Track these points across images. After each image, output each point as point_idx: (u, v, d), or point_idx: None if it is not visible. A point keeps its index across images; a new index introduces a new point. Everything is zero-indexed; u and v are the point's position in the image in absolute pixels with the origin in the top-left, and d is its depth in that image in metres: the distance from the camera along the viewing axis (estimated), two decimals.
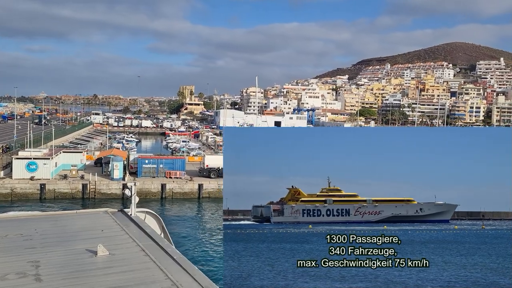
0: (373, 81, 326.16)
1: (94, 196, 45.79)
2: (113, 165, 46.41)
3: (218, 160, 51.67)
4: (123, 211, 16.44)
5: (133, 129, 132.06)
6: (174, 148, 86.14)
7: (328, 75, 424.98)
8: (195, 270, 10.70)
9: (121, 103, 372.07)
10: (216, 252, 31.20)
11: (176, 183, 47.92)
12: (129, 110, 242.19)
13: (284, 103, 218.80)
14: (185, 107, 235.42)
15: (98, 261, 11.03)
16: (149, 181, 47.13)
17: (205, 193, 48.10)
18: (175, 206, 45.62)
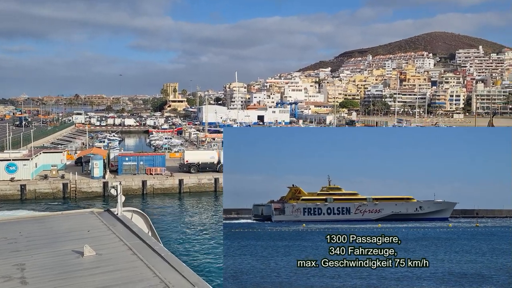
0: (356, 72, 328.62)
1: (75, 195, 46.14)
2: (93, 163, 46.76)
3: (198, 155, 52.44)
4: (110, 211, 16.45)
5: (116, 128, 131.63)
6: (157, 145, 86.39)
7: (311, 68, 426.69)
8: (184, 267, 10.65)
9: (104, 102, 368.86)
10: (204, 248, 31.37)
11: (157, 179, 48.50)
12: (111, 109, 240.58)
13: (267, 97, 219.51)
14: (168, 104, 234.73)
15: (84, 262, 10.91)
16: (129, 178, 47.61)
17: (185, 188, 48.75)
18: (157, 202, 46.13)
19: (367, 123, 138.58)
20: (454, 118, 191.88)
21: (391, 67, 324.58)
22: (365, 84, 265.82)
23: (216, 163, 51.62)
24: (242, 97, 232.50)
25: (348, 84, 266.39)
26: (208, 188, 49.56)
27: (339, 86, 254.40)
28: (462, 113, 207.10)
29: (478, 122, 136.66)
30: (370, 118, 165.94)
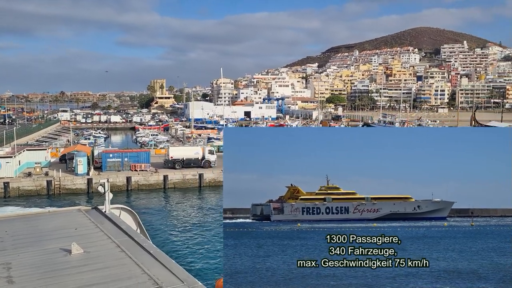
0: (342, 68, 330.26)
1: (59, 192, 46.19)
2: (77, 160, 46.83)
3: (182, 151, 52.73)
4: (97, 209, 16.50)
5: (102, 125, 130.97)
6: (143, 142, 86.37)
7: (298, 64, 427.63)
8: (172, 264, 10.69)
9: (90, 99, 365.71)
10: (193, 244, 31.41)
11: (141, 175, 48.73)
12: (98, 106, 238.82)
13: (254, 93, 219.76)
14: (155, 101, 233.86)
15: (72, 260, 10.83)
16: (114, 175, 47.76)
17: (170, 183, 49.05)
18: (142, 198, 46.38)
19: (353, 118, 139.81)
20: (438, 112, 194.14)
21: (378, 63, 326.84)
22: (351, 80, 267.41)
23: (200, 159, 51.99)
24: (229, 93, 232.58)
25: (335, 80, 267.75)
26: (192, 184, 49.92)
27: (326, 81, 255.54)
28: (447, 107, 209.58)
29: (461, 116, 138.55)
30: (356, 113, 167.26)
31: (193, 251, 29.50)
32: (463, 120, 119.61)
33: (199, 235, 33.48)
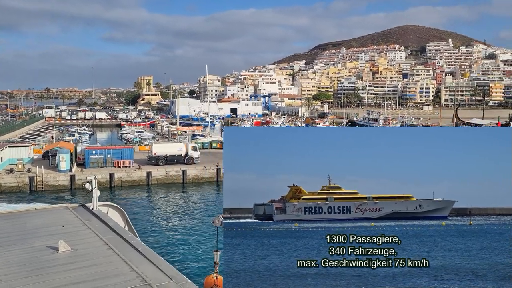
0: (329, 65, 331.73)
1: (41, 188, 46.17)
2: (60, 157, 46.85)
3: (166, 148, 52.99)
4: (85, 206, 16.37)
5: (87, 122, 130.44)
6: (128, 138, 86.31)
7: (286, 61, 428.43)
8: (161, 261, 10.66)
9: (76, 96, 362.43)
10: (183, 240, 31.32)
11: (125, 171, 48.90)
12: (83, 103, 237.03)
13: (241, 90, 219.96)
14: (142, 97, 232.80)
15: (59, 257, 10.72)
16: (97, 171, 47.80)
17: (153, 180, 49.32)
18: (126, 194, 46.55)
19: (338, 115, 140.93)
20: (423, 110, 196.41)
21: (364, 60, 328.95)
22: (338, 77, 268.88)
23: (184, 155, 52.31)
24: (216, 90, 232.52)
25: (322, 77, 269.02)
26: (176, 180, 50.25)
27: (313, 78, 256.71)
28: (432, 105, 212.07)
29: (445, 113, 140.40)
30: (342, 110, 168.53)
31: (182, 248, 29.53)
32: (445, 118, 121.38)
33: (187, 232, 33.50)
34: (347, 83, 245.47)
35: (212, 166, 52.08)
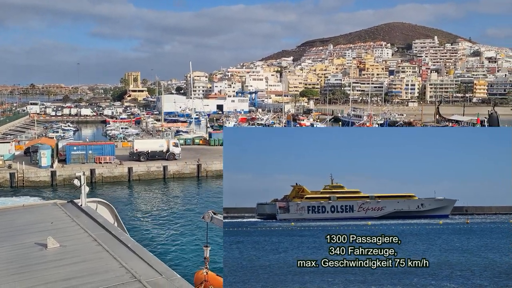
0: (317, 62, 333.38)
1: (22, 184, 46.40)
2: (40, 153, 47.11)
3: (147, 144, 53.49)
4: (73, 202, 16.31)
5: (72, 118, 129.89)
6: (112, 135, 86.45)
7: (274, 57, 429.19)
8: (150, 257, 10.71)
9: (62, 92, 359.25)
10: (171, 236, 31.25)
11: (106, 167, 49.30)
12: (69, 99, 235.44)
13: (228, 86, 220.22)
14: (128, 94, 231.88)
15: (48, 254, 10.71)
16: (77, 167, 48.11)
17: (135, 175, 49.78)
18: (107, 190, 46.92)
19: (323, 111, 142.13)
20: (409, 106, 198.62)
21: (351, 57, 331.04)
22: (325, 73, 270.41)
23: (165, 151, 52.85)
24: (203, 86, 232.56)
25: (309, 73, 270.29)
26: (157, 176, 50.77)
27: (300, 75, 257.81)
28: (417, 101, 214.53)
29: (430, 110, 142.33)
30: (329, 107, 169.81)
31: (171, 244, 29.48)
32: (429, 114, 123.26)
33: (175, 228, 33.47)
34: (333, 79, 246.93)
35: (193, 162, 52.71)
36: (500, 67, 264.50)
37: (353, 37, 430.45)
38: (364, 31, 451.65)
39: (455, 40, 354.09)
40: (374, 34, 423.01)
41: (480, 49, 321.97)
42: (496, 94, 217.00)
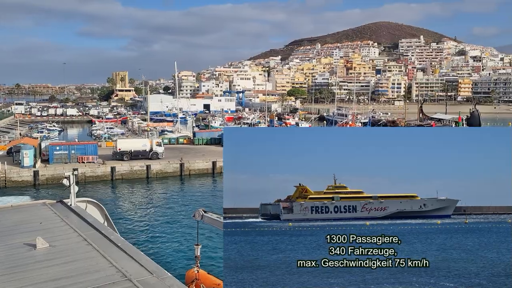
0: (305, 61, 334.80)
1: (5, 184, 46.53)
2: (23, 153, 47.27)
3: (130, 143, 53.86)
4: (63, 202, 16.25)
5: (58, 118, 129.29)
6: (97, 135, 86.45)
7: (262, 57, 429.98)
8: (141, 256, 10.68)
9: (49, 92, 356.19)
10: (161, 235, 31.16)
11: (89, 167, 49.59)
12: (55, 99, 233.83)
13: (216, 85, 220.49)
14: (115, 93, 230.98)
15: (37, 254, 10.61)
16: (60, 167, 48.42)
17: (118, 175, 50.14)
18: (91, 189, 47.18)
19: (309, 110, 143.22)
20: (395, 105, 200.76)
21: (339, 56, 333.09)
22: (313, 73, 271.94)
23: (148, 150, 53.27)
24: (191, 86, 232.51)
25: (296, 73, 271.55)
26: (140, 175, 51.19)
27: (287, 74, 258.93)
28: (403, 100, 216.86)
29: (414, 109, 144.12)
30: (316, 106, 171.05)
31: (162, 243, 29.44)
32: (413, 113, 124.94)
33: (165, 226, 33.43)
34: (320, 79, 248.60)
35: (176, 161, 53.22)
36: (485, 66, 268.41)
37: (340, 36, 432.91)
38: (352, 30, 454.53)
39: (441, 39, 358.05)
40: (361, 33, 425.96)
41: (465, 48, 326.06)
42: (480, 93, 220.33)
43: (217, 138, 68.59)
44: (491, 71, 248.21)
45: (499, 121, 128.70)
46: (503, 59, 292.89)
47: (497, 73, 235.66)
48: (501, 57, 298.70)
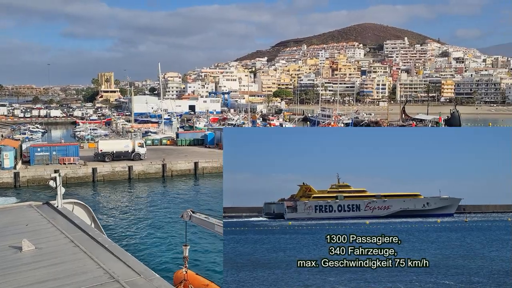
0: (291, 62, 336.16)
1: None
2: (3, 154, 47.12)
3: (112, 144, 53.93)
4: (49, 204, 16.23)
5: (42, 120, 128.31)
6: (81, 136, 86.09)
7: (248, 58, 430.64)
8: (129, 257, 10.65)
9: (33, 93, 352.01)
10: (148, 236, 31.09)
11: (70, 168, 49.58)
12: (39, 100, 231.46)
13: (201, 87, 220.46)
14: (100, 95, 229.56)
15: (23, 257, 10.51)
16: (41, 168, 48.37)
17: (99, 176, 50.18)
18: (72, 191, 47.08)
19: (294, 111, 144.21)
20: (379, 106, 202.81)
21: (324, 57, 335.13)
22: (298, 74, 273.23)
23: (130, 151, 53.41)
24: (177, 87, 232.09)
25: (282, 74, 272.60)
26: (122, 176, 51.29)
27: (273, 76, 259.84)
28: (387, 101, 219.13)
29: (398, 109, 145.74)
30: (302, 107, 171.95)
31: (149, 244, 29.31)
32: (396, 113, 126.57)
33: (152, 227, 33.25)
34: (306, 80, 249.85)
35: (159, 161, 53.45)
36: (467, 67, 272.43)
37: (326, 38, 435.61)
38: (337, 31, 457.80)
39: (425, 41, 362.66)
40: (347, 34, 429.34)
41: (448, 49, 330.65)
42: (463, 94, 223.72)
43: (200, 139, 68.95)
44: (474, 72, 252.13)
45: (480, 121, 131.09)
46: (485, 61, 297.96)
47: (479, 74, 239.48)
48: (484, 59, 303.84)
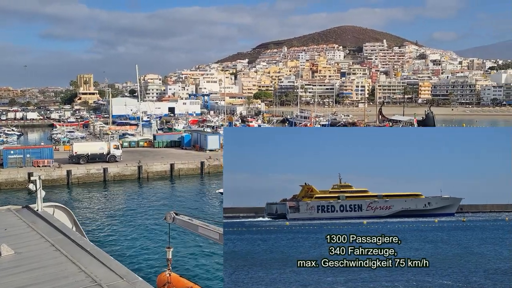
0: (271, 64, 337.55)
1: None
2: None
3: (87, 146, 53.82)
4: (29, 207, 16.12)
5: (18, 122, 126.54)
6: (57, 139, 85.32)
7: (229, 60, 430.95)
8: (111, 260, 10.63)
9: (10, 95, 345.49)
10: (131, 239, 30.70)
11: (44, 170, 49.25)
12: (16, 103, 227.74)
13: (182, 89, 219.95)
14: (78, 97, 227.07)
15: (2, 262, 10.37)
16: (15, 171, 48.01)
17: (74, 178, 49.99)
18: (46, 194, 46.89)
19: (273, 113, 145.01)
20: (359, 107, 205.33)
21: (305, 59, 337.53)
22: (279, 76, 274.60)
23: (106, 153, 53.34)
24: (157, 89, 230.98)
25: (263, 76, 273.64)
26: (97, 178, 51.16)
27: (254, 77, 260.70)
28: (365, 102, 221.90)
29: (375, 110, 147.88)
30: (281, 108, 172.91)
31: (132, 246, 29.04)
32: (372, 114, 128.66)
33: (134, 230, 33.03)
34: (286, 82, 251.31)
35: (134, 163, 53.51)
36: (444, 69, 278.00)
37: (307, 40, 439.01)
38: (318, 33, 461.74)
39: (403, 43, 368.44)
40: (327, 37, 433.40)
41: (425, 52, 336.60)
42: (439, 95, 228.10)
43: (177, 141, 69.10)
44: (450, 74, 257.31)
45: (455, 122, 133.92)
46: (461, 63, 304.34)
47: (455, 76, 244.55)
48: (460, 61, 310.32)
